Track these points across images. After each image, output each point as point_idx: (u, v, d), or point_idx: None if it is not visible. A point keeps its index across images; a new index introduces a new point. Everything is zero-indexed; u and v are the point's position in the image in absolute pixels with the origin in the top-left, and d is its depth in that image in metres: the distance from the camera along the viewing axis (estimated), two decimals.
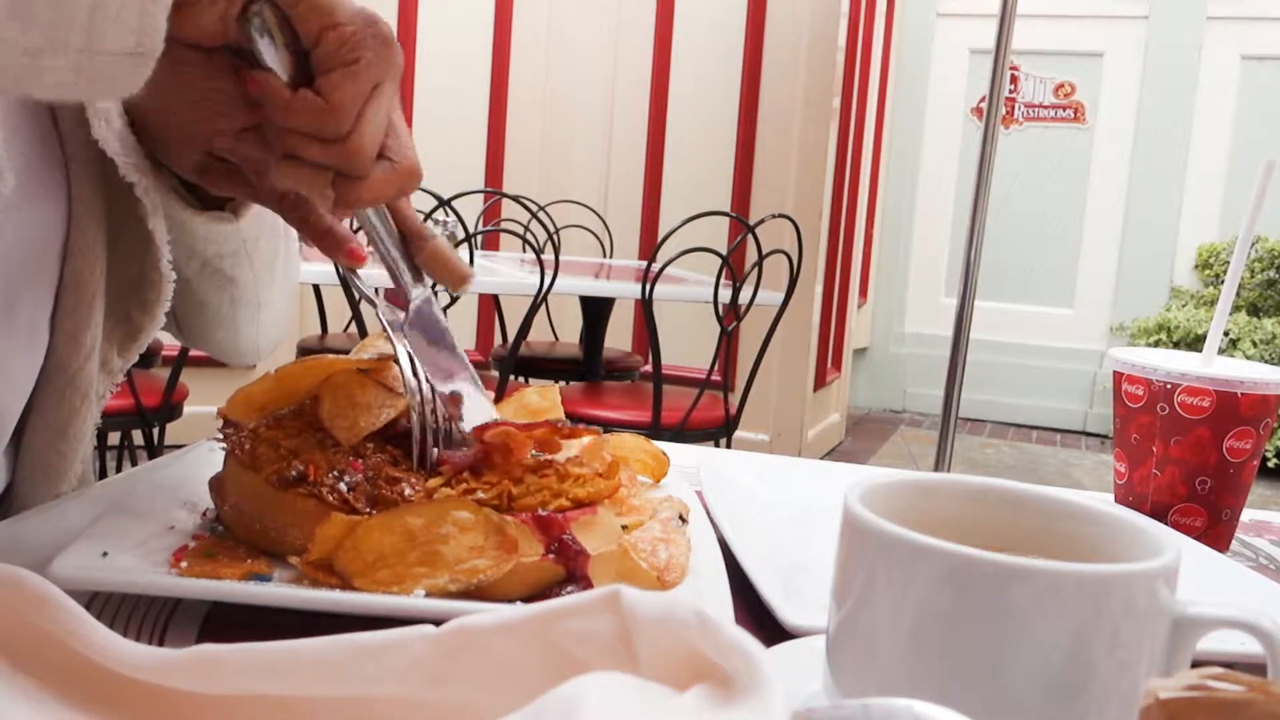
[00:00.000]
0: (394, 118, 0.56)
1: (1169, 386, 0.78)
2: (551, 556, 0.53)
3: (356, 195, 0.55)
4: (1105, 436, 5.65)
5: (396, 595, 0.50)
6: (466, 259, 0.70)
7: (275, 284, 0.80)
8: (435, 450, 0.59)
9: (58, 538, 0.61)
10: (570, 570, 0.54)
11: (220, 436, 0.60)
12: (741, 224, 2.75)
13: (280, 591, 0.50)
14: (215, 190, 0.64)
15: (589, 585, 0.54)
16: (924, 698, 0.30)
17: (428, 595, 0.50)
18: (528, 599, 0.52)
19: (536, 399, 0.72)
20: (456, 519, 0.52)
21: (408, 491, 0.56)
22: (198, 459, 0.68)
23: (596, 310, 3.34)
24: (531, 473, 0.57)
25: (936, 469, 2.34)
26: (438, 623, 0.36)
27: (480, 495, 0.56)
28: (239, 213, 0.69)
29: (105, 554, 0.51)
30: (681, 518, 0.65)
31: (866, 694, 0.36)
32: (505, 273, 3.14)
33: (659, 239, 2.66)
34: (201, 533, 0.57)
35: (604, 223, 4.15)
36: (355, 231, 0.62)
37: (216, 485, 0.59)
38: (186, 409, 2.67)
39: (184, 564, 0.52)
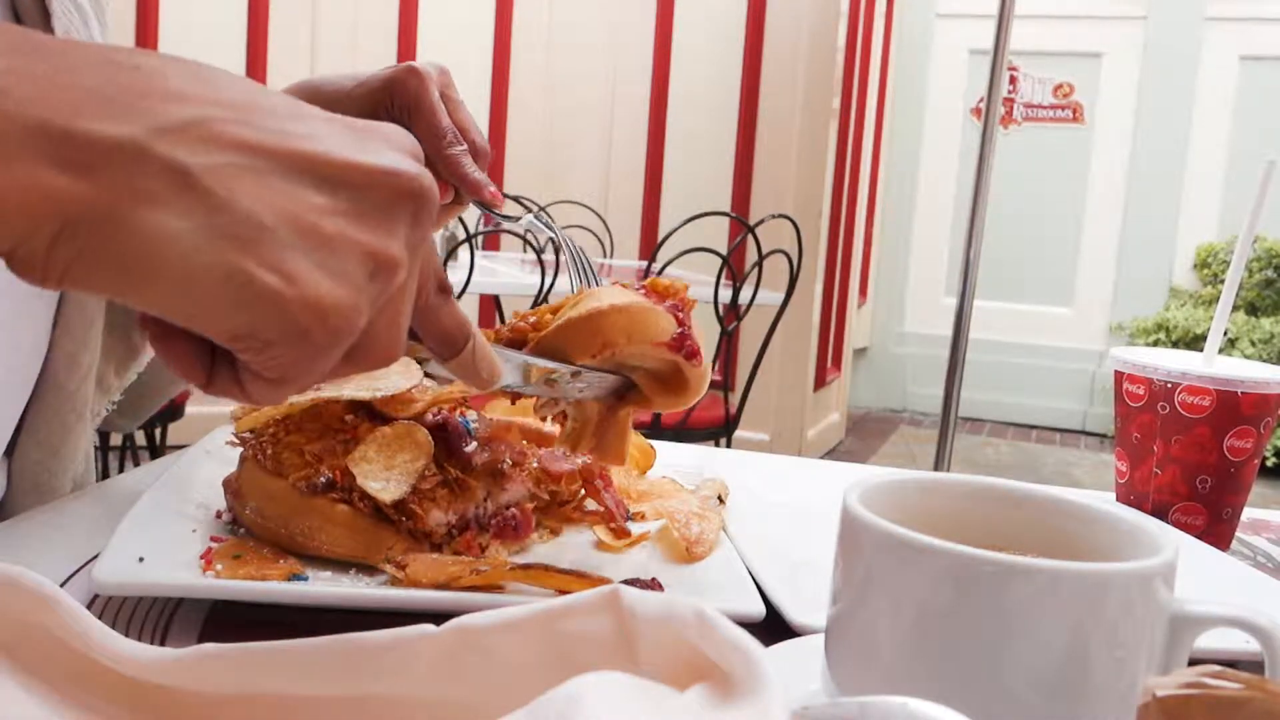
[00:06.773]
0: None
1: (1170, 386, 0.79)
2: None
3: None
4: (1104, 436, 5.64)
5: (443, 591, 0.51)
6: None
7: None
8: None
9: (57, 539, 0.61)
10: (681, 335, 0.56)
11: (235, 439, 0.60)
12: (741, 224, 2.75)
13: (330, 591, 0.51)
14: None
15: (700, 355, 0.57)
16: (923, 696, 0.30)
17: None
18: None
19: None
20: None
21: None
22: (195, 460, 0.69)
23: None
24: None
25: (936, 468, 2.34)
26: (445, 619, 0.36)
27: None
28: None
29: (141, 559, 0.52)
30: (720, 498, 0.69)
31: (865, 692, 0.36)
32: (506, 273, 3.14)
33: (659, 239, 2.66)
34: (219, 534, 0.57)
35: (604, 223, 4.15)
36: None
37: (233, 488, 0.59)
38: (188, 409, 2.67)
39: (219, 567, 0.53)
